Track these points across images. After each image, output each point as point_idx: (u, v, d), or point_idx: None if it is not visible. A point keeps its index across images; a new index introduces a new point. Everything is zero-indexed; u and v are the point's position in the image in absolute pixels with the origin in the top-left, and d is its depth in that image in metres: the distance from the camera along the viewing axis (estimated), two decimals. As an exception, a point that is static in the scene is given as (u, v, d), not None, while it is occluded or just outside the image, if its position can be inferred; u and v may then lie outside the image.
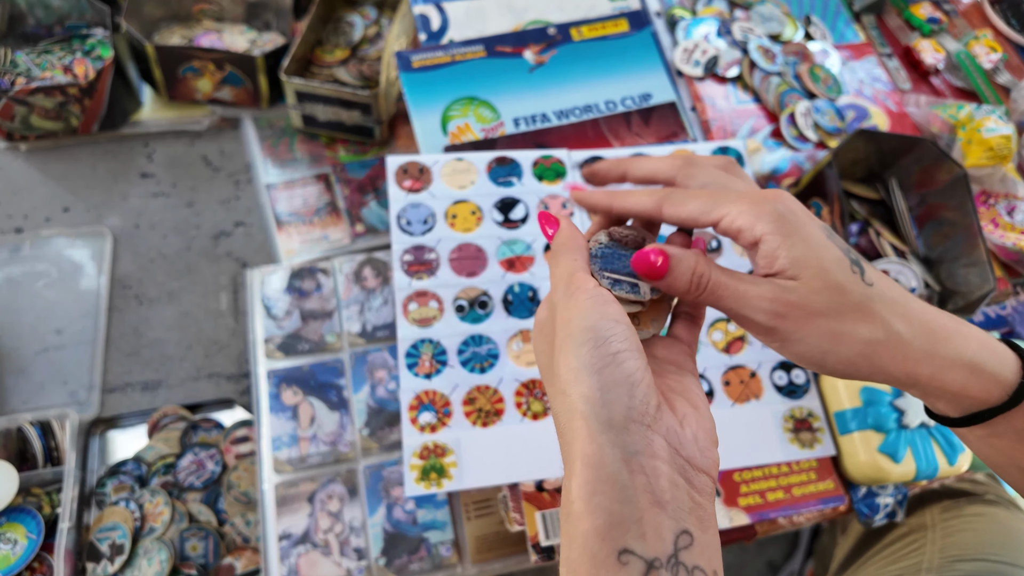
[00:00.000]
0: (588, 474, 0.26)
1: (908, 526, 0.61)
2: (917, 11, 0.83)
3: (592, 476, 0.25)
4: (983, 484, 0.62)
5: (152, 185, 0.78)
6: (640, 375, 0.27)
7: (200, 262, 0.75)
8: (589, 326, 0.28)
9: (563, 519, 0.27)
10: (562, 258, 0.32)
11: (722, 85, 0.72)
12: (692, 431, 0.28)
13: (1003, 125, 0.65)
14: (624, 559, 0.24)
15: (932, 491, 0.62)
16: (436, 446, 0.51)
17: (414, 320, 0.55)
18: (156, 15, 0.82)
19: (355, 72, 0.81)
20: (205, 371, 0.70)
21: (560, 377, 0.28)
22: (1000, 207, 0.66)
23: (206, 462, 0.65)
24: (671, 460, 0.27)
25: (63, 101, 0.74)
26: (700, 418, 0.29)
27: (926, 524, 0.59)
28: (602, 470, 0.25)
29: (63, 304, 0.72)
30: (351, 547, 0.61)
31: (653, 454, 0.26)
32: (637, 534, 0.25)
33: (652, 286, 0.33)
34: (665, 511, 0.25)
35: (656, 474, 0.26)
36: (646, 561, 0.24)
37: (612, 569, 0.24)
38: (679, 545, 0.25)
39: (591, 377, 0.27)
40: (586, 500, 0.25)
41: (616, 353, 0.27)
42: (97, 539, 0.61)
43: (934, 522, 0.58)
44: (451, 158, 0.61)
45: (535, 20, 0.72)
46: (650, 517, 0.25)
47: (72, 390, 0.68)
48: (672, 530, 0.25)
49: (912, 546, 0.58)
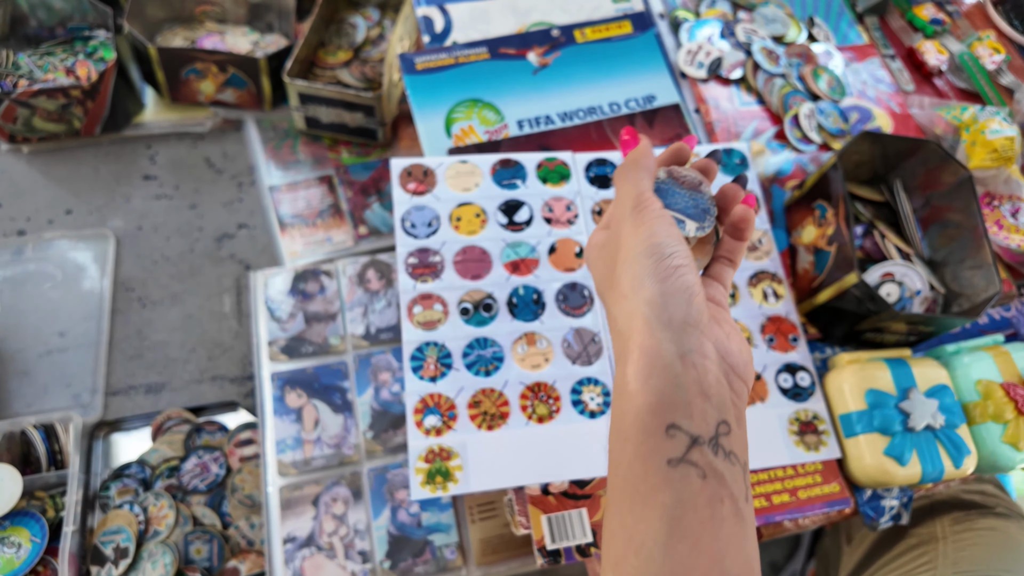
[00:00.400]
0: (645, 361, 0.29)
1: (918, 537, 0.60)
2: (920, 12, 0.83)
3: (649, 363, 0.29)
4: (994, 496, 0.62)
5: (155, 187, 0.78)
6: (697, 288, 0.31)
7: (203, 264, 0.74)
8: (657, 242, 0.31)
9: (617, 397, 0.31)
10: (633, 175, 0.35)
11: (726, 87, 0.72)
12: (736, 345, 0.32)
13: (1007, 127, 0.64)
14: (671, 432, 0.28)
15: (942, 501, 0.61)
16: (441, 449, 0.51)
17: (419, 323, 0.55)
18: (158, 16, 0.82)
19: (358, 74, 0.81)
20: (208, 374, 0.69)
21: (623, 284, 0.32)
22: (1004, 209, 0.66)
23: (210, 465, 0.65)
24: (719, 363, 0.30)
25: (66, 103, 0.74)
26: (740, 340, 0.32)
27: (936, 536, 0.58)
28: (659, 360, 0.29)
29: (66, 307, 0.72)
30: (356, 550, 0.61)
31: (704, 355, 0.30)
32: (685, 414, 0.28)
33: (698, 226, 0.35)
34: (710, 402, 0.29)
35: (705, 371, 0.29)
36: (691, 437, 0.28)
37: (660, 439, 0.28)
38: (719, 431, 0.29)
39: (655, 285, 0.30)
40: (642, 382, 0.29)
41: (678, 267, 0.31)
42: (101, 542, 0.61)
43: (945, 534, 0.58)
44: (455, 160, 0.61)
45: (539, 22, 0.72)
46: (697, 403, 0.28)
47: (75, 393, 0.68)
48: (714, 418, 0.29)
49: (923, 558, 0.58)
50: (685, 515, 0.27)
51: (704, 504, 0.27)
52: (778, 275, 0.61)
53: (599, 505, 0.50)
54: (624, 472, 0.29)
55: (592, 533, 0.49)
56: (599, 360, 0.55)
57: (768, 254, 0.62)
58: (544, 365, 0.55)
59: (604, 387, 0.54)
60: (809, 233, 0.61)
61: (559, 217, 0.60)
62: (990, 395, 0.52)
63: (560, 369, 0.54)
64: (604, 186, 0.62)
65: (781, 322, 0.59)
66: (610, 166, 0.63)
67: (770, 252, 0.62)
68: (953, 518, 0.59)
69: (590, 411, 0.53)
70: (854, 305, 0.54)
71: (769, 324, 0.58)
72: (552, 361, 0.55)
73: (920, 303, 0.58)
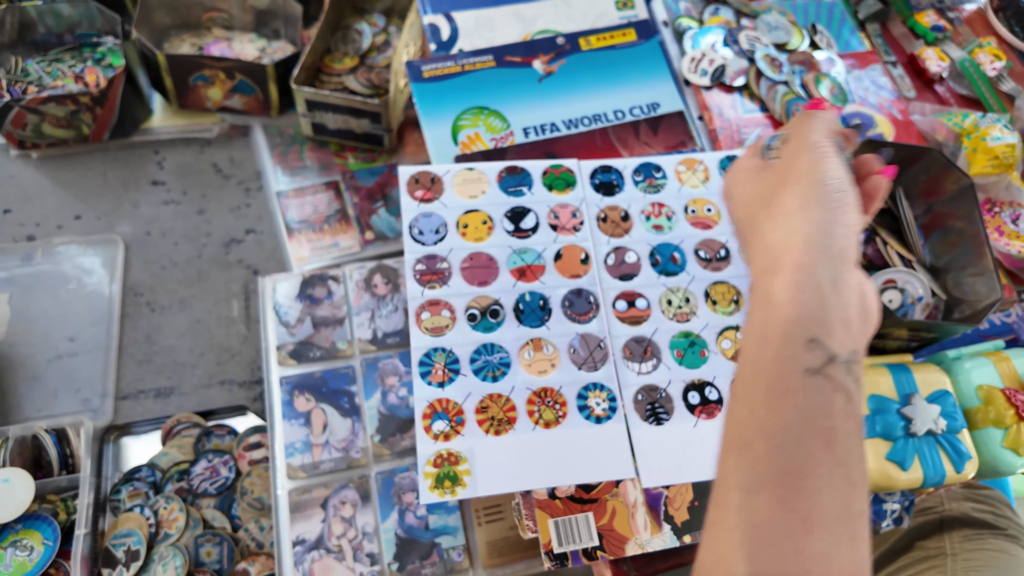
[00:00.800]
0: (798, 276, 0.31)
1: (925, 551, 0.60)
2: (921, 19, 0.83)
3: (801, 279, 0.31)
4: (1005, 518, 0.61)
5: (163, 193, 0.79)
6: (857, 228, 0.33)
7: (211, 269, 0.75)
8: (834, 176, 0.34)
9: (757, 304, 0.33)
10: (820, 123, 0.37)
11: (729, 94, 0.72)
12: (871, 291, 0.33)
13: (1008, 134, 0.65)
14: (811, 345, 0.30)
15: (952, 518, 0.61)
16: (450, 454, 0.52)
17: (427, 329, 0.56)
18: (165, 23, 0.83)
19: (364, 80, 0.82)
20: (217, 378, 0.70)
21: (787, 203, 0.34)
22: (1005, 215, 0.66)
23: (220, 468, 0.65)
24: (859, 300, 0.32)
25: (75, 109, 0.74)
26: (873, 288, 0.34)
27: (945, 551, 0.58)
28: (811, 279, 0.31)
29: (75, 312, 0.72)
30: (364, 552, 0.61)
31: (849, 287, 0.32)
32: (826, 333, 0.30)
33: None
34: (848, 330, 0.31)
35: (848, 303, 0.31)
36: (829, 353, 0.30)
37: (800, 349, 0.30)
38: (853, 358, 0.30)
39: (824, 212, 0.32)
40: (791, 295, 0.31)
41: (848, 204, 0.33)
42: (112, 545, 0.61)
43: (954, 551, 0.58)
44: (462, 168, 0.62)
45: (544, 29, 0.73)
46: (838, 327, 0.30)
47: (85, 397, 0.69)
48: (850, 345, 0.31)
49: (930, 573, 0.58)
50: (816, 418, 0.29)
51: (834, 414, 0.29)
52: (781, 281, 0.61)
53: (605, 509, 0.51)
54: (760, 370, 0.31)
55: (599, 537, 0.50)
56: (605, 366, 0.56)
57: (771, 260, 0.62)
58: (550, 371, 0.55)
59: (610, 392, 0.55)
60: (812, 240, 0.61)
61: (565, 224, 0.61)
62: (991, 400, 0.53)
63: (566, 375, 0.55)
64: (609, 193, 0.63)
65: (784, 328, 0.59)
66: (615, 173, 0.64)
67: (773, 258, 0.62)
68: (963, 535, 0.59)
69: (596, 416, 0.54)
70: (857, 311, 0.55)
71: (772, 330, 0.59)
72: (558, 367, 0.55)
73: (922, 310, 0.59)
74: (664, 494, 0.52)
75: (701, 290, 0.60)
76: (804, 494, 0.28)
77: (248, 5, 0.83)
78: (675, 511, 0.51)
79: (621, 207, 0.63)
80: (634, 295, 0.59)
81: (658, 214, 0.63)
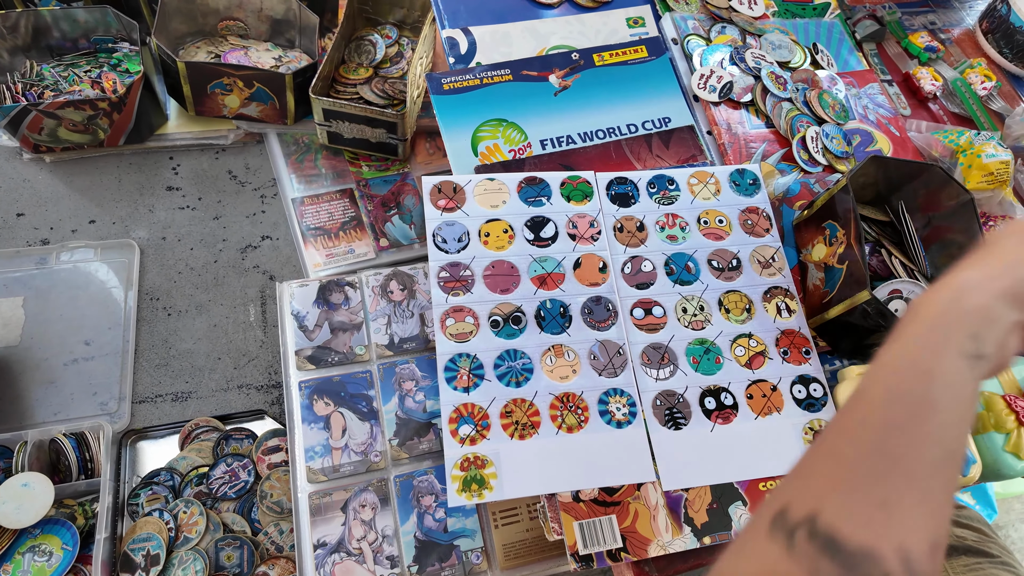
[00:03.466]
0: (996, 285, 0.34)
1: None
2: (915, 40, 0.87)
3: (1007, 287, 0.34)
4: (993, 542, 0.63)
5: (178, 198, 0.79)
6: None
7: (227, 275, 0.76)
8: None
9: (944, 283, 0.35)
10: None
11: (736, 110, 0.75)
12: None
13: (1002, 151, 0.68)
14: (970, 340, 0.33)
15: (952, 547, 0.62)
16: (476, 458, 0.53)
17: (451, 335, 0.57)
18: (181, 31, 0.84)
19: (378, 90, 0.83)
20: (235, 382, 0.71)
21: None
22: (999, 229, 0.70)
23: (239, 472, 0.66)
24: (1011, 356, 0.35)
25: (92, 114, 0.75)
26: None
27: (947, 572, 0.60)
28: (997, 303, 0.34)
29: (91, 316, 0.73)
30: (384, 555, 0.62)
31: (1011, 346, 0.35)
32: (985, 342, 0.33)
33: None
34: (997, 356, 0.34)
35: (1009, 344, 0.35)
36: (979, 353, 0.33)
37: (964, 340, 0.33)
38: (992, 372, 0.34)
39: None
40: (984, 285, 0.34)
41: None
42: (131, 549, 0.62)
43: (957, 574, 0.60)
44: (483, 178, 0.64)
45: (558, 45, 0.75)
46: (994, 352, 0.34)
47: (102, 401, 0.69)
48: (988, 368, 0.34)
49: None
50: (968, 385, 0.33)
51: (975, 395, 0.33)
52: (790, 291, 0.64)
53: (628, 511, 0.52)
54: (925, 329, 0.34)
55: (622, 539, 0.51)
56: (624, 372, 0.58)
57: (780, 270, 0.65)
58: (572, 376, 0.57)
59: (630, 397, 0.57)
60: (819, 251, 0.64)
61: (583, 233, 0.63)
62: (992, 406, 0.55)
63: (587, 380, 0.57)
64: (624, 204, 0.65)
65: (794, 335, 0.62)
66: (630, 185, 0.66)
67: (782, 268, 0.65)
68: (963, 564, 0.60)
69: (616, 421, 0.56)
70: (863, 320, 0.57)
71: (783, 338, 0.61)
72: (579, 372, 0.57)
73: (924, 318, 0.61)
74: (684, 497, 0.54)
75: (714, 298, 0.62)
76: None
77: (264, 15, 0.84)
78: (695, 513, 0.53)
79: (636, 217, 0.65)
80: (651, 303, 0.61)
81: (672, 225, 0.65)
